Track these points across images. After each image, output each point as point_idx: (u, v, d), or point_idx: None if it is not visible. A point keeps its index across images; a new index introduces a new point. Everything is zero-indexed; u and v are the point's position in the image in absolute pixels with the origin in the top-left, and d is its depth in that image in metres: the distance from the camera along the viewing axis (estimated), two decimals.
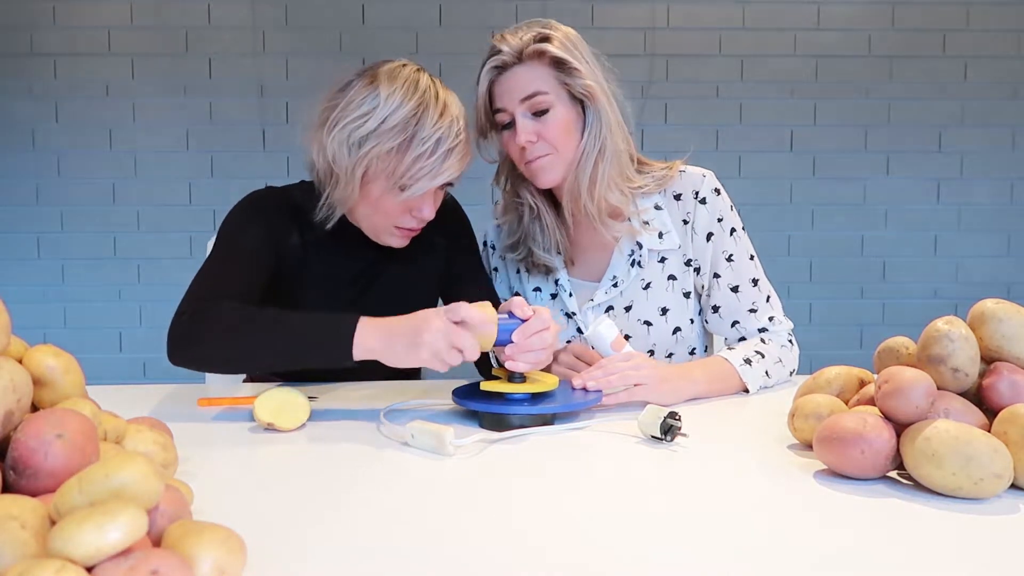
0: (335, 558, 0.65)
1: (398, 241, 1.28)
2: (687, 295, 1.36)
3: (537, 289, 1.41)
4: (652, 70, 2.92)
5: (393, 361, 1.03)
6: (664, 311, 1.35)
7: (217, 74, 2.88)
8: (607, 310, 1.35)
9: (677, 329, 1.35)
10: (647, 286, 1.35)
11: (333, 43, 2.86)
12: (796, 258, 2.97)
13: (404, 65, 1.22)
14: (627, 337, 1.34)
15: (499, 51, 1.25)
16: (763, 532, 0.70)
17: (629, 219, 1.33)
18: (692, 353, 1.38)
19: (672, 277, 1.35)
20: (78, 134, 2.87)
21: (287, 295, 1.30)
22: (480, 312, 1.02)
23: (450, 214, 1.44)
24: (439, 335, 1.00)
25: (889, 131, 2.96)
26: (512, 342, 1.05)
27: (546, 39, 1.23)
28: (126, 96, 2.87)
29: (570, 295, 1.37)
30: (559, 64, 1.23)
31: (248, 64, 2.87)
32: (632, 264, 1.34)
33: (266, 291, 1.27)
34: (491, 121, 1.29)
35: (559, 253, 1.38)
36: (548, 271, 1.39)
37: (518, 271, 1.43)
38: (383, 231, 1.27)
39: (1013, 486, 0.78)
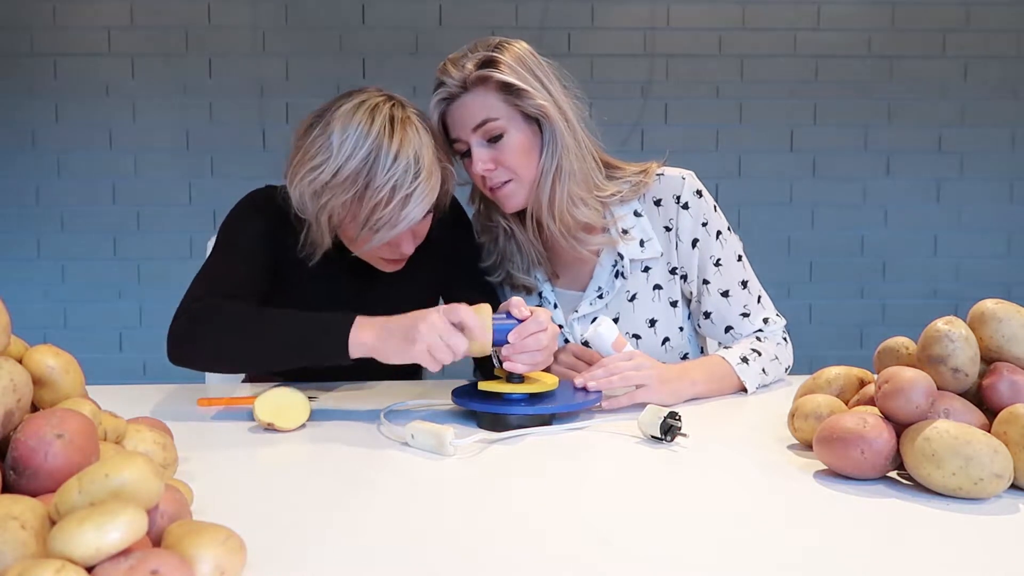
0: (335, 558, 0.65)
1: (389, 267, 1.28)
2: (674, 304, 1.34)
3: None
4: (652, 70, 2.92)
5: (387, 357, 1.03)
6: (652, 322, 1.33)
7: (217, 74, 2.88)
8: (592, 321, 1.34)
9: (666, 339, 1.34)
10: (633, 298, 1.33)
11: (333, 43, 2.86)
12: (796, 258, 2.96)
13: (362, 103, 1.17)
14: None
15: (443, 83, 1.21)
16: (763, 532, 0.70)
17: (607, 230, 1.31)
18: (684, 358, 1.37)
19: (658, 287, 1.33)
20: (78, 134, 2.87)
21: (286, 294, 1.30)
22: (478, 318, 1.02)
23: (451, 215, 1.44)
24: (434, 331, 1.00)
25: (889, 131, 2.96)
26: (508, 343, 1.05)
27: (491, 63, 1.19)
28: (126, 96, 2.87)
29: (555, 307, 1.36)
30: (507, 88, 1.19)
31: (248, 64, 2.87)
32: (616, 275, 1.32)
33: (266, 290, 1.27)
34: (451, 149, 1.28)
35: (540, 265, 1.36)
36: (529, 290, 1.37)
37: (501, 284, 1.40)
38: (371, 260, 1.27)
39: (1013, 486, 0.78)
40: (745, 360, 1.22)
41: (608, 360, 1.14)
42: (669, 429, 0.95)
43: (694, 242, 1.31)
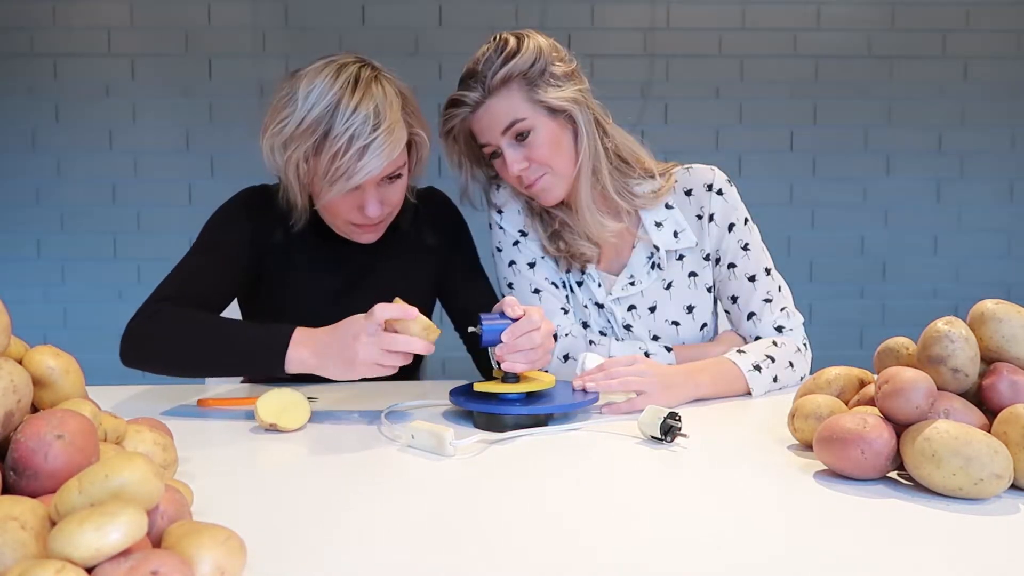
0: (335, 558, 0.65)
1: (363, 236, 1.28)
2: (709, 289, 1.37)
3: (565, 277, 1.37)
4: (652, 70, 2.92)
5: (330, 375, 1.03)
6: (690, 309, 1.36)
7: (217, 74, 2.88)
8: (629, 308, 1.35)
9: (704, 325, 1.37)
10: (669, 286, 1.35)
11: (333, 43, 2.86)
12: (796, 258, 2.97)
13: (331, 62, 1.18)
14: (656, 338, 1.34)
15: (465, 95, 1.23)
16: (763, 532, 0.70)
17: (627, 216, 1.34)
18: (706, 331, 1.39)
19: (693, 274, 1.36)
20: (78, 134, 2.87)
21: (271, 294, 1.31)
22: (397, 307, 0.99)
23: (445, 214, 1.44)
24: (370, 347, 0.99)
25: (889, 131, 2.96)
26: (502, 342, 1.05)
27: (510, 64, 1.21)
28: (126, 96, 2.87)
29: (599, 285, 1.36)
30: (529, 86, 1.22)
31: (248, 64, 2.87)
32: (652, 267, 1.34)
33: (249, 290, 1.29)
34: (479, 155, 1.31)
35: (588, 241, 1.34)
36: (582, 262, 1.35)
37: (543, 257, 1.37)
38: (343, 228, 1.27)
39: (1013, 486, 0.78)
40: (758, 368, 1.22)
41: (609, 363, 1.14)
42: (669, 430, 0.95)
43: (730, 226, 1.34)
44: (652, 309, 1.35)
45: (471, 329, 1.08)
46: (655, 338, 1.35)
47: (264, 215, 1.30)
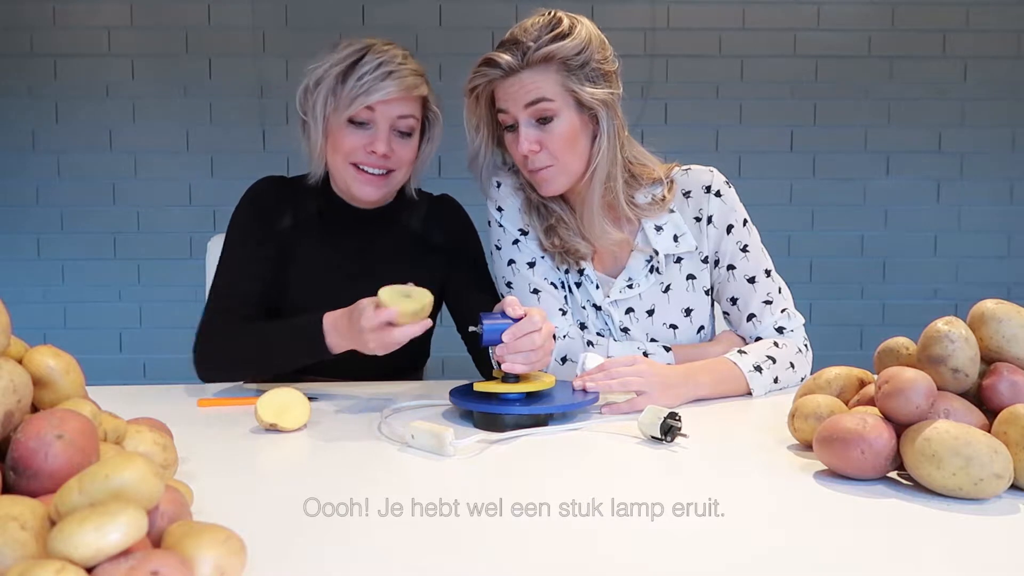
0: (335, 558, 0.65)
1: (366, 189, 1.31)
2: (708, 292, 1.36)
3: (564, 277, 1.36)
4: (652, 70, 2.92)
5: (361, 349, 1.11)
6: (688, 312, 1.35)
7: (217, 74, 2.88)
8: (627, 311, 1.34)
9: (701, 328, 1.36)
10: (667, 289, 1.34)
11: None
12: (796, 258, 2.96)
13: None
14: (653, 341, 1.34)
15: (502, 56, 1.20)
16: (762, 533, 0.70)
17: (626, 225, 1.33)
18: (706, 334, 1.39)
19: (691, 276, 1.35)
20: (78, 134, 2.87)
21: (279, 278, 1.35)
22: (389, 308, 1.03)
23: (455, 219, 1.44)
24: (375, 341, 1.06)
25: (889, 131, 2.96)
26: (503, 342, 1.05)
27: (556, 45, 1.19)
28: (126, 96, 2.87)
29: (597, 287, 1.34)
30: (567, 72, 1.20)
31: (248, 64, 2.87)
32: (651, 271, 1.33)
33: (268, 286, 1.34)
34: (494, 119, 1.28)
35: (584, 240, 1.33)
36: (576, 259, 1.33)
37: (542, 257, 1.35)
38: (348, 177, 1.31)
39: (1013, 486, 0.78)
40: (758, 369, 1.21)
41: (609, 363, 1.14)
42: (669, 430, 0.95)
43: (729, 228, 1.33)
44: (650, 312, 1.34)
45: (471, 328, 1.08)
46: (652, 341, 1.34)
47: (273, 203, 1.37)
